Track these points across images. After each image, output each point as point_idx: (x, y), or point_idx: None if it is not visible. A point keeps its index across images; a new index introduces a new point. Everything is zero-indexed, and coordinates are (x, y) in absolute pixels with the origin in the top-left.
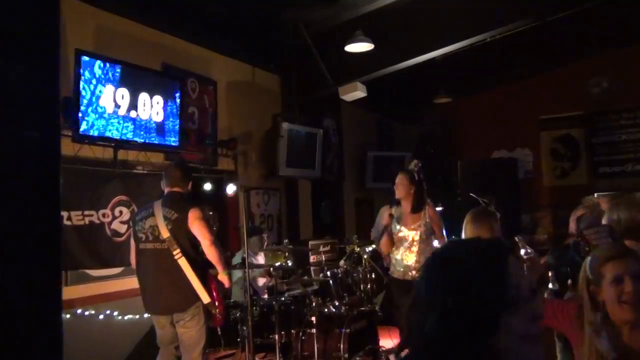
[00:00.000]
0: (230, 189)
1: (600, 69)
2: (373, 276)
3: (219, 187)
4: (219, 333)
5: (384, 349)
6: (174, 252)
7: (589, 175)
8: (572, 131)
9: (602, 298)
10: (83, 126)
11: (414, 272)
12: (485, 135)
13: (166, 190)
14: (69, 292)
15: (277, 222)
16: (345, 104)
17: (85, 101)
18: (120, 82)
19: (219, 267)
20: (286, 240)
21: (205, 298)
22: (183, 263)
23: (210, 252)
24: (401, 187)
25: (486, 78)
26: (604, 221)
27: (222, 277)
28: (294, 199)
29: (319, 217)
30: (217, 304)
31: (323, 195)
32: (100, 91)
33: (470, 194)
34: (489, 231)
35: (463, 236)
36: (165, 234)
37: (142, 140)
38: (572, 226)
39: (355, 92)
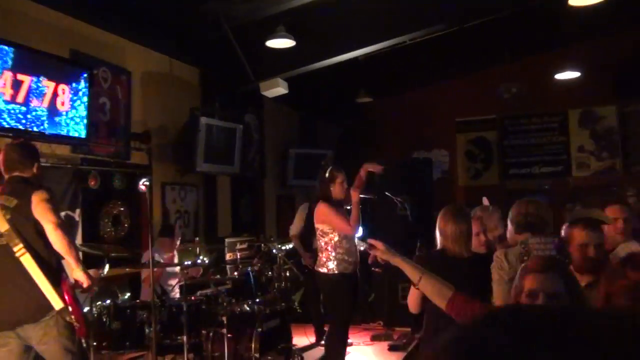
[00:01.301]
0: (142, 184)
1: (513, 75)
2: (288, 274)
3: (131, 182)
4: (84, 345)
5: (296, 347)
6: (15, 248)
7: (500, 176)
8: (485, 134)
9: None
10: None
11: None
12: (405, 136)
13: (5, 176)
14: None
15: (194, 219)
16: (267, 100)
17: None
18: (19, 68)
19: (71, 260)
20: (197, 238)
21: (57, 303)
22: (27, 260)
23: (56, 238)
24: (345, 184)
25: (406, 80)
26: (510, 215)
27: (77, 274)
28: (213, 195)
29: (238, 214)
30: (70, 309)
31: (243, 191)
32: None
33: (386, 193)
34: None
35: (439, 234)
36: (3, 226)
37: (45, 131)
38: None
39: (277, 89)
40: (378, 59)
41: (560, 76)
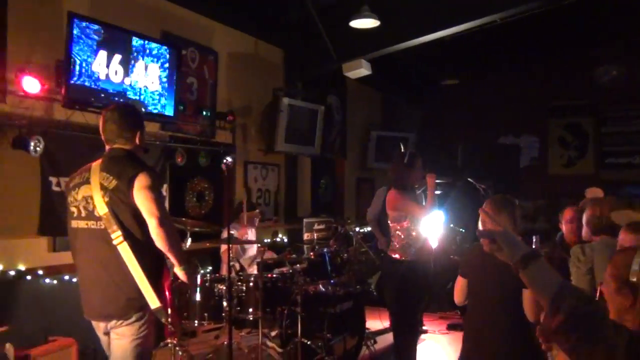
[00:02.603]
0: (228, 162)
1: (613, 58)
2: (364, 257)
3: (216, 160)
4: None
5: (370, 330)
6: (113, 235)
7: (595, 165)
8: (581, 120)
9: None
10: (74, 91)
11: None
12: (491, 120)
13: (106, 147)
14: (57, 258)
15: (275, 198)
16: (350, 81)
17: (77, 66)
18: (115, 48)
19: (173, 258)
20: (275, 217)
21: (153, 301)
22: (124, 250)
23: (159, 236)
24: (422, 170)
25: (495, 61)
26: (584, 216)
27: (178, 270)
28: (293, 175)
29: (318, 195)
30: (169, 310)
31: (323, 172)
32: (93, 56)
33: (468, 179)
34: (510, 221)
35: (480, 226)
36: (102, 209)
37: None
38: (568, 227)
39: (360, 70)
40: (466, 39)
41: None
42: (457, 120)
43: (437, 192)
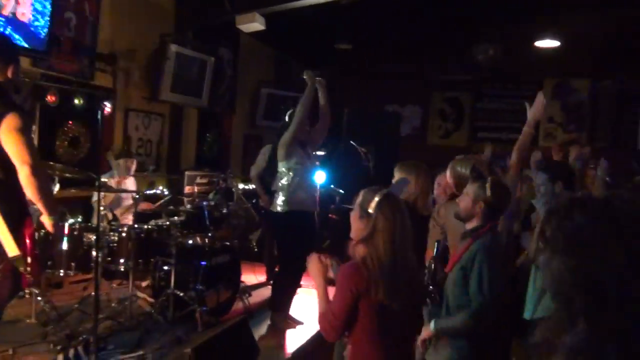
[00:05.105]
0: (106, 107)
1: (494, 38)
2: (244, 213)
3: (93, 103)
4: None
5: (245, 284)
6: None
7: (468, 138)
8: (460, 94)
9: None
10: None
11: None
12: (380, 88)
13: None
14: None
15: (157, 148)
16: (244, 36)
17: None
18: None
19: (42, 208)
20: (152, 167)
21: (12, 249)
22: None
23: (31, 185)
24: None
25: (390, 31)
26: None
27: (44, 219)
28: (178, 127)
29: (203, 149)
30: (28, 259)
31: (210, 126)
32: None
33: (351, 142)
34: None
35: (394, 183)
36: None
37: None
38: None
39: (253, 24)
40: (361, 4)
41: (540, 44)
42: (349, 85)
43: (320, 153)
